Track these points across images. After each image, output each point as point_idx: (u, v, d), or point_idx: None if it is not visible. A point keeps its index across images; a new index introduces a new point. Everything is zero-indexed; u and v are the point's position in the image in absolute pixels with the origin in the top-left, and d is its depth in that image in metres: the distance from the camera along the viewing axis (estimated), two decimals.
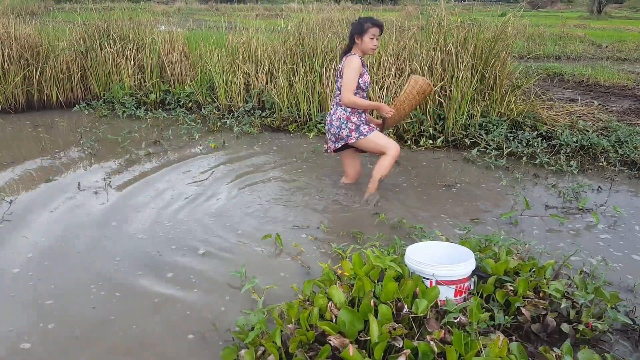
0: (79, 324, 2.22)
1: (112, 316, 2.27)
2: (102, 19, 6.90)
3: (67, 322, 2.23)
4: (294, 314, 2.01)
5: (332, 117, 3.61)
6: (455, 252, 2.36)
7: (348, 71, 3.42)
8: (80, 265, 2.73)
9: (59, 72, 6.63)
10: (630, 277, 2.63)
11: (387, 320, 1.88)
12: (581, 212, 3.51)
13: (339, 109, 3.58)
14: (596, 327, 2.02)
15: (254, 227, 3.23)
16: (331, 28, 6.06)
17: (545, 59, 11.79)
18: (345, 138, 3.58)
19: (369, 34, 3.44)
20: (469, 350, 1.70)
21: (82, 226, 3.20)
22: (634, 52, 13.10)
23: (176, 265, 2.74)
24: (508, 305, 2.14)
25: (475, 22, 5.45)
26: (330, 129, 3.62)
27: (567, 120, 5.19)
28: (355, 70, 3.41)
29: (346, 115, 3.55)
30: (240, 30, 6.56)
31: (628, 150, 4.52)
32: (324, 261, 2.64)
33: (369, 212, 3.47)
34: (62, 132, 5.65)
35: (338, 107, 3.58)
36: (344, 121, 3.55)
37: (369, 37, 3.44)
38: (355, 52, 3.52)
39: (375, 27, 3.44)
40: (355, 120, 3.54)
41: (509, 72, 5.39)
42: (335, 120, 3.58)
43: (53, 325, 2.20)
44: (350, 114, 3.55)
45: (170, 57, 6.76)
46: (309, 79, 5.69)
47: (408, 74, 5.29)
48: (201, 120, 6.00)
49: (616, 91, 7.95)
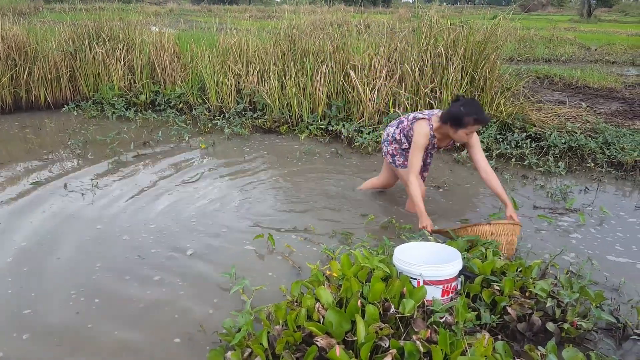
0: (58, 332, 2.17)
1: (95, 322, 2.24)
2: (92, 19, 6.85)
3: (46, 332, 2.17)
4: (282, 315, 2.00)
5: (387, 131, 3.45)
6: (443, 253, 2.37)
7: (414, 147, 3.10)
8: (61, 270, 2.68)
9: (48, 73, 6.58)
10: (612, 276, 2.65)
11: (374, 321, 1.88)
12: (568, 212, 3.54)
13: (395, 130, 3.37)
14: (581, 325, 2.03)
15: (245, 227, 3.22)
16: (322, 29, 6.07)
17: (535, 61, 11.90)
18: (384, 153, 3.52)
19: (468, 130, 2.93)
20: (455, 349, 1.70)
21: (66, 229, 3.17)
22: (622, 55, 13.27)
23: (163, 267, 2.72)
24: (494, 304, 2.15)
25: (466, 24, 5.49)
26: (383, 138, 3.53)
27: (555, 122, 5.23)
28: (422, 143, 3.09)
29: (390, 139, 3.41)
30: (231, 31, 6.55)
31: (615, 152, 4.57)
32: (315, 262, 2.64)
33: (359, 213, 3.47)
34: (50, 133, 5.60)
35: (396, 129, 3.37)
36: (387, 140, 3.44)
37: (466, 132, 2.95)
38: (433, 122, 3.10)
39: (477, 125, 2.95)
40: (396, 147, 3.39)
41: (499, 75, 5.43)
42: (385, 135, 3.46)
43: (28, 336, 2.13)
44: (394, 140, 3.38)
45: (160, 58, 6.73)
46: (301, 80, 5.69)
47: (400, 75, 5.30)
48: (192, 122, 5.98)
49: (604, 93, 8.04)
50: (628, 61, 12.70)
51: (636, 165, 4.42)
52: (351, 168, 4.49)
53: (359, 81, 5.33)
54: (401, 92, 5.24)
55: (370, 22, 7.80)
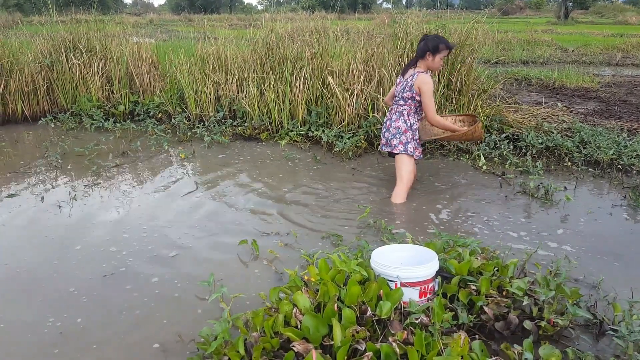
0: (27, 342, 2.13)
1: (68, 333, 2.20)
2: (68, 31, 6.78)
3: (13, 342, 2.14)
4: (259, 322, 1.98)
5: (392, 123, 3.67)
6: (420, 254, 2.37)
7: (427, 92, 3.48)
8: (37, 281, 2.64)
9: (24, 85, 6.48)
10: (589, 273, 2.68)
11: (350, 324, 1.87)
12: (545, 210, 3.59)
13: (401, 119, 3.64)
14: (557, 323, 2.05)
15: (227, 234, 3.20)
16: (300, 37, 6.09)
17: (513, 63, 12.09)
18: (392, 146, 3.67)
19: (442, 55, 3.51)
20: (431, 349, 1.70)
21: (42, 243, 3.10)
22: (598, 56, 13.55)
23: (142, 276, 2.68)
24: (472, 304, 2.16)
25: (442, 28, 5.55)
26: (386, 133, 3.72)
27: (532, 123, 5.30)
28: (432, 89, 3.50)
29: (405, 127, 3.62)
30: (209, 40, 6.53)
31: (591, 150, 4.64)
32: (297, 267, 2.63)
33: (342, 217, 3.47)
34: (28, 146, 5.51)
35: (401, 117, 3.64)
36: (400, 132, 3.63)
37: (440, 57, 3.52)
38: (422, 68, 3.57)
39: (448, 50, 3.52)
40: (410, 136, 3.63)
41: (476, 77, 5.50)
42: (393, 128, 3.66)
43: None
44: (409, 128, 3.63)
45: (138, 68, 6.67)
46: (280, 87, 5.69)
47: (378, 80, 5.33)
48: (171, 131, 5.94)
49: (581, 93, 8.19)
50: (604, 61, 12.97)
51: (612, 163, 4.49)
52: (332, 173, 4.49)
53: (338, 87, 5.35)
54: (379, 96, 5.27)
55: (350, 28, 7.86)
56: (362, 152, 5.06)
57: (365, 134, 5.19)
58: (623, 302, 2.18)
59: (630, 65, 12.57)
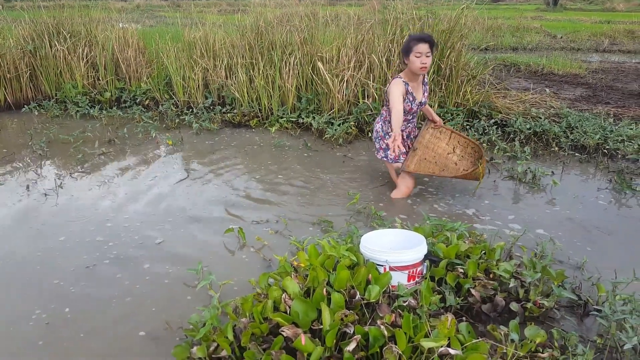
0: (20, 331, 2.12)
1: (54, 324, 2.19)
2: (51, 16, 6.63)
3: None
4: (248, 308, 1.98)
5: (375, 127, 3.67)
6: (408, 239, 2.39)
7: (391, 92, 3.32)
8: (23, 270, 2.62)
9: (6, 72, 6.34)
10: (574, 255, 2.72)
11: (339, 308, 1.88)
12: (532, 194, 3.62)
13: (380, 122, 3.60)
14: (543, 304, 2.08)
15: (215, 222, 3.19)
16: (289, 22, 6.02)
17: (502, 50, 12.09)
18: (376, 148, 3.66)
19: (414, 52, 3.23)
20: (418, 332, 1.72)
21: (27, 233, 3.07)
22: (586, 42, 13.59)
23: (129, 265, 2.67)
24: (459, 287, 2.18)
25: (432, 14, 5.52)
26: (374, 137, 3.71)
27: (520, 109, 5.33)
28: (397, 90, 3.29)
29: (381, 134, 3.58)
30: (197, 25, 6.43)
31: (578, 135, 4.68)
32: (287, 253, 2.63)
33: (333, 204, 3.47)
34: (11, 134, 5.41)
35: (380, 119, 3.61)
36: (378, 137, 3.61)
37: (415, 55, 3.23)
38: (402, 76, 3.37)
39: (420, 43, 3.21)
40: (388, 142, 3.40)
41: (465, 63, 5.49)
42: (374, 132, 3.67)
43: None
44: (385, 134, 3.54)
45: (124, 54, 6.57)
46: (269, 73, 5.64)
47: (368, 66, 5.30)
48: (159, 118, 5.87)
49: (569, 79, 8.23)
50: (592, 48, 13.03)
51: (598, 147, 4.54)
52: (323, 159, 4.49)
53: (328, 73, 5.32)
54: (370, 82, 5.25)
55: (340, 13, 7.78)
56: (352, 139, 5.05)
57: (356, 121, 5.17)
58: (607, 283, 2.21)
59: (617, 51, 12.64)
